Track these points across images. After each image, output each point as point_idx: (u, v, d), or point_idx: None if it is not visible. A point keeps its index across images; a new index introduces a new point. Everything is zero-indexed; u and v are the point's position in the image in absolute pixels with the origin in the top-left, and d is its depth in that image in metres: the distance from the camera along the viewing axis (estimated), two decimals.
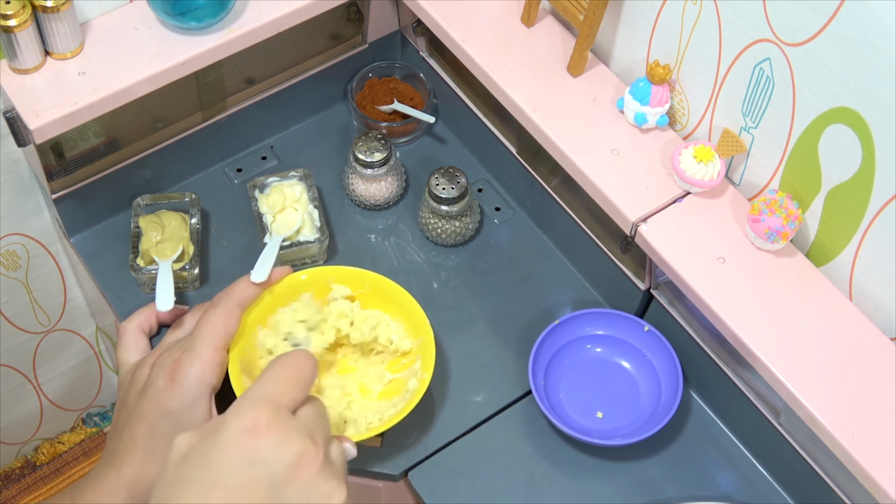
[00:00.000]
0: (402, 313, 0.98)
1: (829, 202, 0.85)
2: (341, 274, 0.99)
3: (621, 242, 0.98)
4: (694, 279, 0.88)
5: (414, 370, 0.95)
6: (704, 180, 0.91)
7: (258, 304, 0.94)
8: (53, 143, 1.01)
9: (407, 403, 0.92)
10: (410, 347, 0.97)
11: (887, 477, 0.78)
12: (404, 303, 0.98)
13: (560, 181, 1.05)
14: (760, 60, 0.84)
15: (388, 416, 0.92)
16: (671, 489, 0.96)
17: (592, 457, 0.98)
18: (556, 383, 1.01)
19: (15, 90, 0.95)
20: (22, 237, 1.19)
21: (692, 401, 1.02)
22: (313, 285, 0.98)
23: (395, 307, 0.98)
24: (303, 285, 0.97)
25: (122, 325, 0.95)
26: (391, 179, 1.12)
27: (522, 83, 0.99)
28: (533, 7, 1.02)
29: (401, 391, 0.95)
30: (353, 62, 1.19)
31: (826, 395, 0.82)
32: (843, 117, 0.79)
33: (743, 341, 0.85)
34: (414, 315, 0.97)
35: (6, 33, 0.91)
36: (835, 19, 0.76)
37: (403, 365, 0.97)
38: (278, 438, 0.65)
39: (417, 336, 0.97)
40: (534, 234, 1.13)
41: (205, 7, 0.98)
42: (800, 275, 0.88)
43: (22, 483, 1.52)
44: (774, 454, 0.95)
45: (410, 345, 0.97)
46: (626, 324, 1.02)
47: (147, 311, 0.97)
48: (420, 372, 0.95)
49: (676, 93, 0.95)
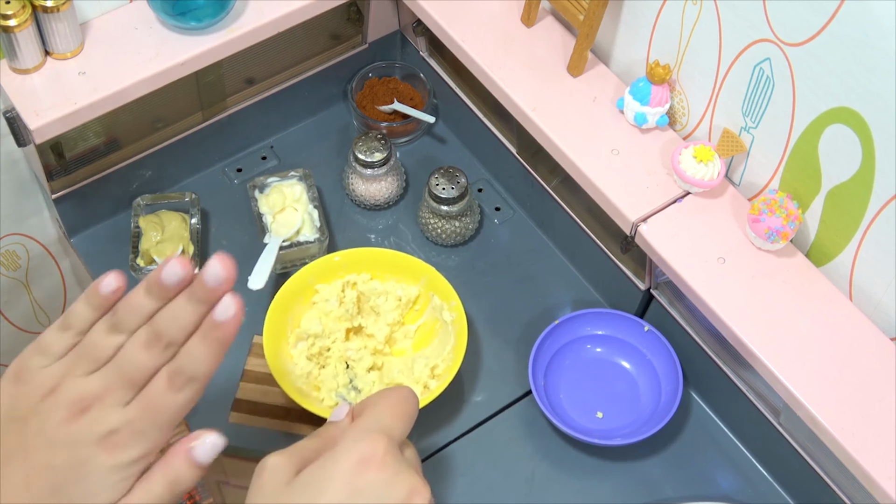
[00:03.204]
0: (390, 269, 1.03)
1: (829, 202, 0.85)
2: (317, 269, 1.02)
3: (621, 242, 0.98)
4: (694, 279, 0.88)
5: (435, 305, 1.01)
6: (704, 180, 0.91)
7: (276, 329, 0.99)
8: (53, 143, 1.01)
9: (459, 329, 0.97)
10: (419, 291, 1.02)
11: (887, 477, 0.78)
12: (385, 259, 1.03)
13: (560, 181, 1.05)
14: (760, 60, 0.84)
15: (448, 350, 0.98)
16: (671, 489, 0.96)
17: (592, 457, 0.98)
18: (556, 383, 1.01)
19: (15, 90, 0.95)
20: (22, 237, 1.19)
21: (692, 401, 1.02)
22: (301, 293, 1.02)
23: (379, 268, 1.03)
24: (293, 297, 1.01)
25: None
26: (391, 179, 1.12)
27: (522, 83, 0.99)
28: (533, 7, 1.02)
29: (436, 330, 1.00)
30: (353, 62, 1.19)
31: (826, 395, 0.82)
32: (843, 117, 0.79)
33: (743, 341, 0.85)
34: (401, 264, 1.02)
35: (6, 33, 0.91)
36: (835, 19, 0.76)
37: (418, 311, 1.02)
38: (392, 472, 0.62)
39: (418, 279, 1.02)
40: (534, 234, 1.13)
41: (205, 7, 0.98)
42: (800, 275, 0.88)
43: None
44: (774, 454, 0.95)
45: (418, 289, 1.02)
46: (626, 324, 1.02)
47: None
48: (444, 304, 1.00)
49: (676, 93, 0.95)
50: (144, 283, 0.62)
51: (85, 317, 0.64)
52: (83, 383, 0.61)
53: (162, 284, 0.62)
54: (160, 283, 0.62)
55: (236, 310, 0.60)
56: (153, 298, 0.62)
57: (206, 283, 0.60)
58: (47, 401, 0.62)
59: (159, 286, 0.62)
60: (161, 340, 0.61)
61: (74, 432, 0.60)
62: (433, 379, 0.97)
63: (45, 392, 0.62)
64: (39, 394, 0.62)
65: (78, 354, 0.63)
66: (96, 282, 0.64)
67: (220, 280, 0.60)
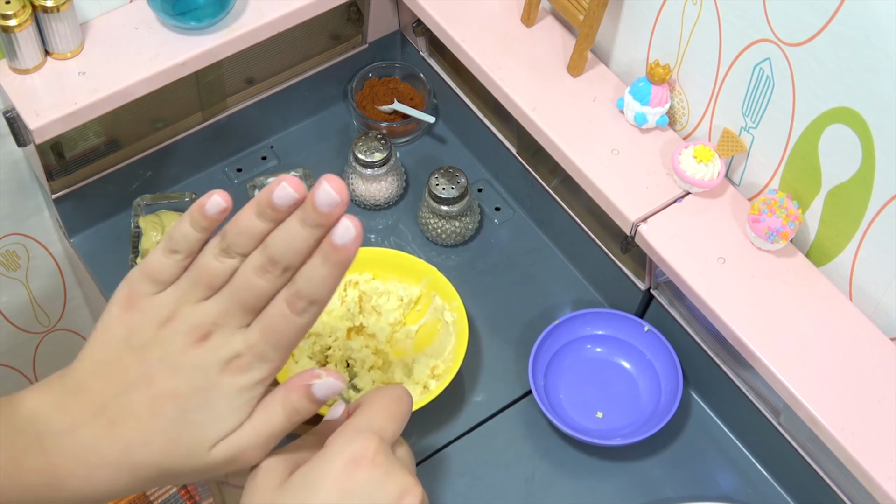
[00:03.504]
0: (392, 269, 1.03)
1: (829, 202, 0.85)
2: None
3: (621, 242, 0.98)
4: (694, 279, 0.88)
5: (437, 306, 1.00)
6: (704, 180, 0.91)
7: None
8: (53, 143, 1.01)
9: (460, 330, 0.97)
10: (420, 292, 1.02)
11: (887, 477, 0.78)
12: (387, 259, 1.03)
13: (560, 181, 1.05)
14: (760, 60, 0.84)
15: (449, 350, 0.97)
16: (671, 489, 0.96)
17: (592, 457, 0.98)
18: (556, 383, 1.01)
19: (15, 90, 0.95)
20: (22, 237, 1.19)
21: (692, 401, 1.02)
22: None
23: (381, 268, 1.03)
24: None
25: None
26: (391, 179, 1.12)
27: (522, 83, 0.99)
28: (533, 7, 1.02)
29: (437, 331, 1.00)
30: (353, 62, 1.19)
31: (826, 395, 0.82)
32: (843, 117, 0.79)
33: (743, 341, 0.85)
34: (403, 264, 1.02)
35: (6, 33, 0.91)
36: (835, 19, 0.76)
37: (419, 312, 1.02)
38: (384, 472, 0.62)
39: (420, 279, 1.02)
40: (534, 234, 1.13)
41: (205, 7, 0.98)
42: (800, 275, 0.88)
43: None
44: (774, 454, 0.95)
45: (419, 289, 1.02)
46: (626, 324, 1.02)
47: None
48: (446, 304, 1.00)
49: (676, 93, 0.95)
50: (254, 205, 0.61)
51: (190, 239, 0.63)
52: (201, 309, 0.62)
53: (274, 207, 0.61)
54: (272, 205, 0.61)
55: (357, 232, 0.59)
56: (264, 220, 0.61)
57: (319, 207, 0.59)
58: (166, 328, 0.62)
59: (271, 208, 0.61)
60: (277, 266, 0.60)
61: (198, 358, 0.61)
62: (433, 379, 0.97)
63: (162, 320, 0.62)
64: (157, 322, 0.62)
65: (191, 280, 0.62)
66: (200, 201, 0.63)
67: (334, 204, 0.59)
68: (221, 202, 0.63)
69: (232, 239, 0.61)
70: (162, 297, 0.63)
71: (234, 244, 0.61)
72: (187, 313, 0.62)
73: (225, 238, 0.62)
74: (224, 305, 0.61)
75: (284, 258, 0.60)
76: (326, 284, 0.60)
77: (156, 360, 0.61)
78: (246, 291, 0.61)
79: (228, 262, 0.61)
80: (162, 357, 0.61)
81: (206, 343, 0.61)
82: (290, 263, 0.60)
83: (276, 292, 0.61)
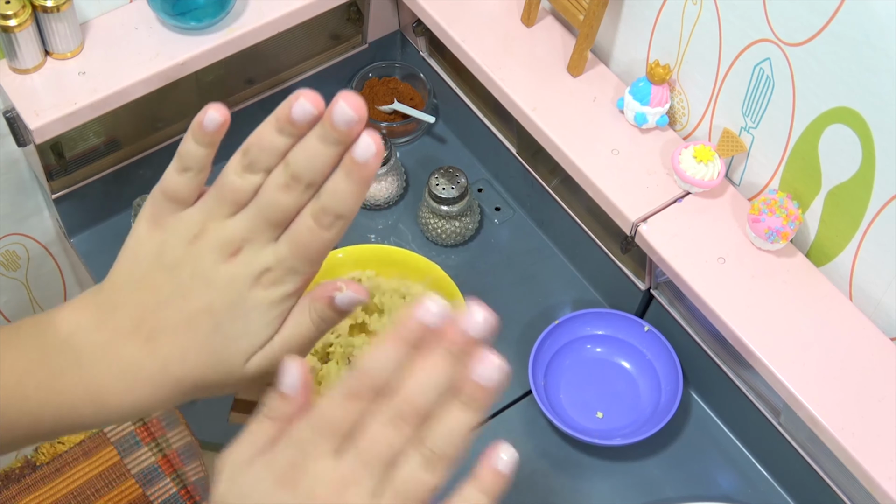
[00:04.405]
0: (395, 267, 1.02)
1: (829, 202, 0.85)
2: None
3: (621, 242, 0.98)
4: (694, 279, 0.88)
5: None
6: (704, 180, 0.91)
7: None
8: (53, 143, 1.01)
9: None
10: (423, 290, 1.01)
11: (887, 477, 0.78)
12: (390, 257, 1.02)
13: (560, 181, 1.05)
14: (760, 60, 0.84)
15: None
16: (671, 489, 0.96)
17: (592, 457, 0.98)
18: (556, 383, 1.01)
19: (15, 90, 0.95)
20: (22, 237, 1.19)
21: (692, 401, 1.02)
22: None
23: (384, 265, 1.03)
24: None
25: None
26: (391, 179, 1.12)
27: (522, 83, 0.99)
28: (533, 7, 1.02)
29: None
30: (353, 62, 1.19)
31: (826, 395, 0.82)
32: (843, 117, 0.79)
33: (743, 341, 0.85)
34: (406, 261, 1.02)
35: (6, 33, 0.91)
36: (835, 19, 0.76)
37: None
38: None
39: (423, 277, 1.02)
40: (534, 234, 1.13)
41: (205, 7, 0.98)
42: (800, 275, 0.88)
43: (22, 483, 1.52)
44: (774, 454, 0.95)
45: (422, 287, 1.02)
46: (626, 324, 1.02)
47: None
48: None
49: (676, 93, 0.95)
50: (274, 121, 0.62)
51: (199, 156, 0.64)
52: (228, 226, 0.62)
53: (293, 122, 0.61)
54: (291, 120, 0.61)
55: (377, 148, 0.59)
56: (285, 136, 0.61)
57: (337, 125, 0.59)
58: (196, 245, 0.62)
59: (291, 124, 0.61)
60: (300, 182, 0.60)
61: (230, 273, 0.61)
62: None
63: (190, 237, 0.62)
64: (186, 239, 0.62)
65: (216, 197, 0.63)
66: (198, 118, 0.63)
67: (351, 122, 0.59)
68: (218, 117, 0.63)
69: (254, 155, 0.62)
70: (188, 213, 0.63)
71: (256, 160, 0.62)
72: (216, 229, 0.62)
73: (247, 155, 0.62)
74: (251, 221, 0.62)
75: (307, 175, 0.60)
76: (351, 199, 0.60)
77: (188, 277, 0.62)
78: (271, 208, 0.61)
79: (251, 178, 0.62)
80: (193, 273, 0.62)
81: (236, 258, 0.62)
82: (312, 180, 0.61)
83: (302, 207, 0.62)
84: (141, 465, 1.56)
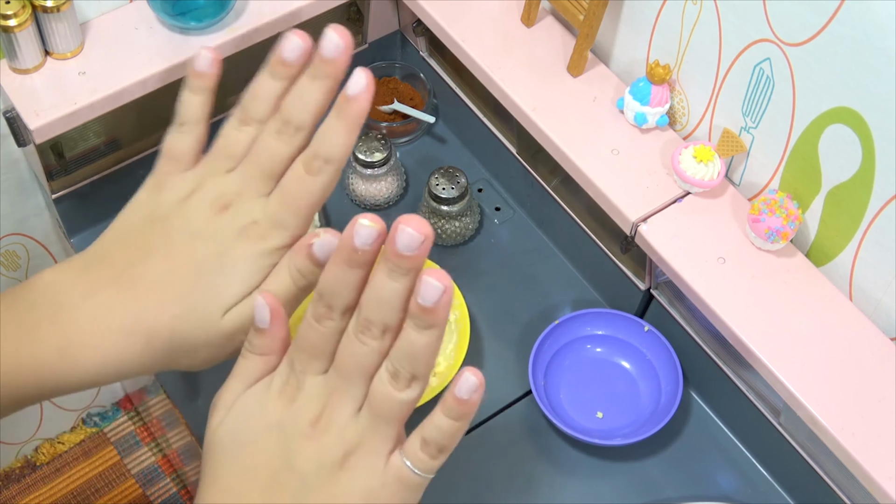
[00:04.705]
0: None
1: (829, 202, 0.85)
2: None
3: (621, 242, 0.98)
4: (694, 279, 0.88)
5: None
6: (704, 180, 0.91)
7: None
8: (53, 143, 1.01)
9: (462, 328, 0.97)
10: None
11: (887, 477, 0.78)
12: None
13: (560, 181, 1.05)
14: (760, 60, 0.84)
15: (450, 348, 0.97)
16: (671, 489, 0.96)
17: (592, 457, 0.98)
18: (556, 383, 1.01)
19: (15, 90, 0.95)
20: (22, 237, 1.19)
21: (692, 401, 1.02)
22: None
23: None
24: None
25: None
26: (391, 179, 1.12)
27: (522, 83, 0.99)
28: (533, 7, 1.02)
29: None
30: (353, 62, 1.18)
31: (826, 395, 0.82)
32: (843, 117, 0.79)
33: (743, 341, 0.85)
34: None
35: (6, 33, 0.91)
36: (835, 19, 0.76)
37: None
38: None
39: None
40: (534, 234, 1.13)
41: (205, 7, 0.98)
42: (800, 275, 0.88)
43: (22, 483, 1.52)
44: (774, 454, 0.95)
45: None
46: (626, 324, 1.02)
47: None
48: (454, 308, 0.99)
49: (676, 93, 0.95)
50: (267, 67, 0.61)
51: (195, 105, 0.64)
52: (223, 181, 0.62)
53: (285, 62, 0.60)
54: (283, 61, 0.60)
55: (367, 81, 0.59)
56: (278, 79, 0.61)
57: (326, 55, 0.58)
58: (190, 201, 0.62)
59: (283, 65, 0.60)
60: (290, 125, 0.60)
61: (217, 225, 0.61)
62: (434, 377, 0.97)
63: (186, 193, 0.63)
64: (181, 195, 0.63)
65: (215, 153, 0.63)
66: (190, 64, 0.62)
67: (339, 49, 0.59)
68: (209, 55, 0.64)
69: (248, 104, 0.62)
70: (189, 173, 0.64)
71: (250, 109, 0.62)
72: (210, 184, 0.62)
73: (242, 107, 0.63)
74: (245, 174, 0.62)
75: (296, 116, 0.60)
76: (341, 140, 0.60)
77: (176, 230, 0.62)
78: (263, 156, 0.61)
79: (248, 130, 0.62)
80: (182, 227, 0.62)
81: (226, 212, 0.62)
82: (303, 122, 0.61)
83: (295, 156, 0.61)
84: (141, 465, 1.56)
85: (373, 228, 0.55)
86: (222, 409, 0.59)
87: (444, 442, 0.57)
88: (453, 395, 0.56)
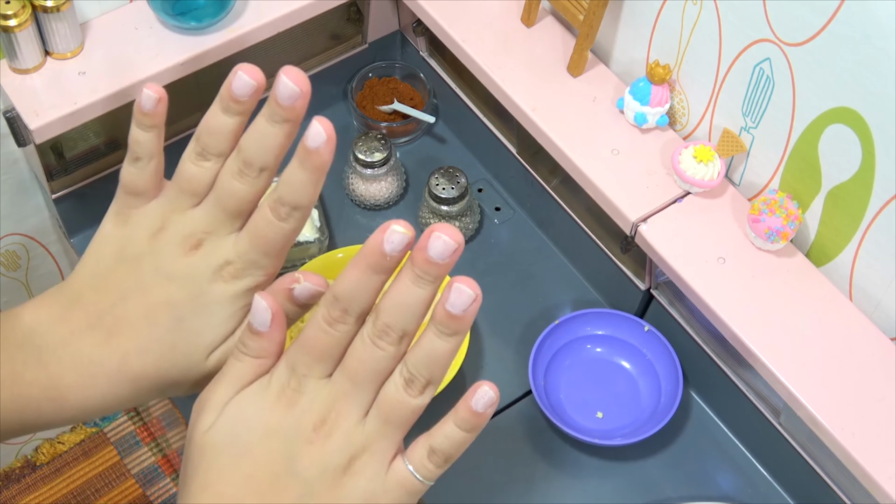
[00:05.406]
0: None
1: (829, 202, 0.85)
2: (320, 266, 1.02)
3: (621, 242, 0.98)
4: (694, 279, 0.88)
5: None
6: (704, 180, 0.91)
7: None
8: (53, 143, 1.01)
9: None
10: None
11: (887, 477, 0.78)
12: None
13: (560, 181, 1.05)
14: (760, 60, 0.84)
15: None
16: (671, 489, 0.96)
17: (592, 457, 0.98)
18: (556, 383, 1.01)
19: (15, 90, 0.95)
20: (22, 237, 1.19)
21: (692, 401, 1.02)
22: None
23: None
24: None
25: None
26: (391, 179, 1.12)
27: (522, 83, 0.99)
28: (533, 7, 1.02)
29: None
30: (353, 62, 1.19)
31: (826, 395, 0.82)
32: (843, 117, 0.79)
33: (743, 341, 0.85)
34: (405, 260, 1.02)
35: (6, 33, 0.91)
36: (835, 19, 0.76)
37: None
38: None
39: None
40: (534, 234, 1.13)
41: (205, 7, 0.98)
42: (800, 275, 0.88)
43: (22, 483, 1.52)
44: (774, 454, 0.95)
45: None
46: (626, 324, 1.02)
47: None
48: None
49: (676, 93, 0.95)
50: (218, 102, 0.60)
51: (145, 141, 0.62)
52: (189, 218, 0.61)
53: (235, 98, 0.60)
54: (233, 97, 0.60)
55: (327, 135, 0.57)
56: (231, 115, 0.60)
57: (281, 101, 0.58)
58: (158, 239, 0.61)
59: (233, 101, 0.60)
60: (252, 167, 0.59)
61: (191, 266, 0.60)
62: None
63: (153, 230, 0.62)
64: (148, 233, 0.61)
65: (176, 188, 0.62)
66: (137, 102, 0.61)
67: (294, 96, 0.57)
68: (153, 94, 0.62)
69: (205, 140, 0.61)
70: (150, 206, 0.62)
71: (207, 145, 0.61)
72: (177, 222, 0.61)
73: (199, 140, 0.61)
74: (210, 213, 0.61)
75: (257, 158, 0.59)
76: (306, 190, 0.59)
77: (149, 271, 0.61)
78: (227, 196, 0.60)
79: (206, 165, 0.61)
80: (155, 267, 0.61)
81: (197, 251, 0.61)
82: (265, 163, 0.60)
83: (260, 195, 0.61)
84: (141, 465, 1.56)
85: (405, 235, 0.54)
86: (212, 412, 0.59)
87: (451, 452, 0.57)
88: (469, 407, 0.56)
